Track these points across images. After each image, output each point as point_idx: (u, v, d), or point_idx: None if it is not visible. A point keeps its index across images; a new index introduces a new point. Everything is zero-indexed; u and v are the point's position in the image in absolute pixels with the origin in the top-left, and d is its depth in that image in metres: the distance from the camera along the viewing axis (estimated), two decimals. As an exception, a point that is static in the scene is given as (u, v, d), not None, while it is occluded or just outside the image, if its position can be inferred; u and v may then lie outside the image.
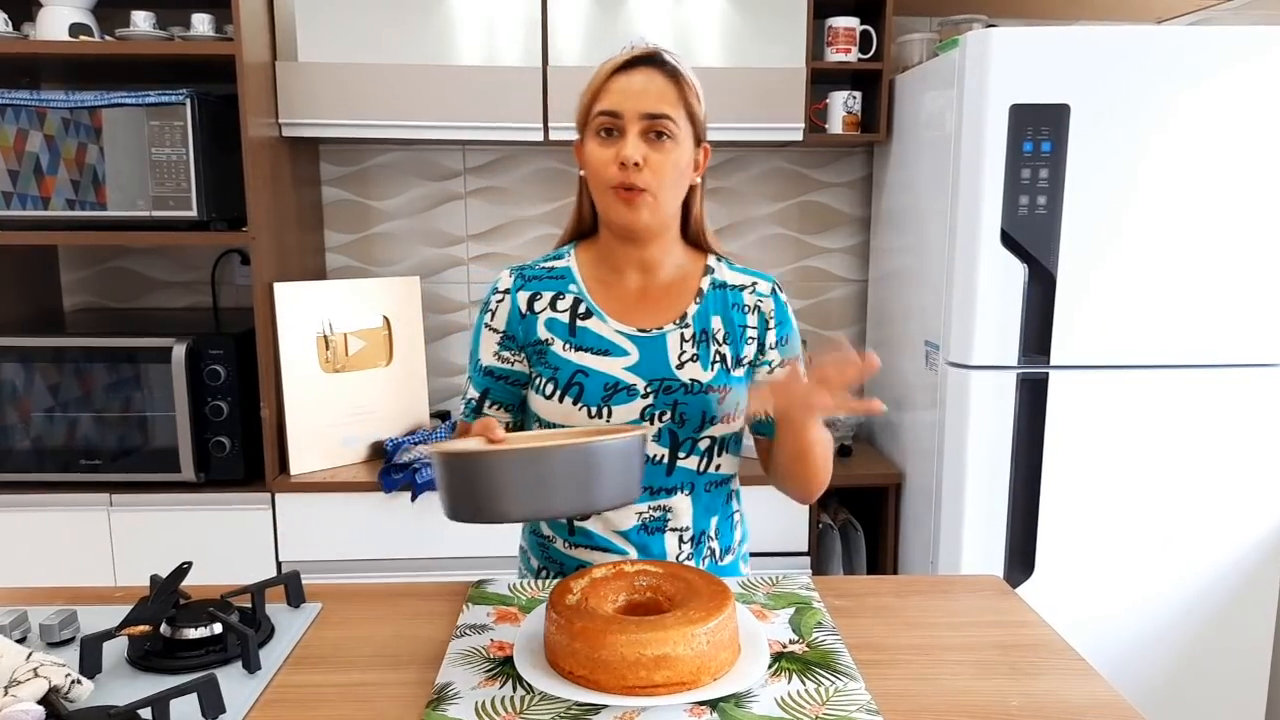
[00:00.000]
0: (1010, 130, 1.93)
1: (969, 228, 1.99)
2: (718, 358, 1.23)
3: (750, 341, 1.26)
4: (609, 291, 1.25)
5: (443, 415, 2.56)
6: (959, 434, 2.05)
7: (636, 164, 1.15)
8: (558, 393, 1.21)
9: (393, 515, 2.18)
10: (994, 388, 2.03)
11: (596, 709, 0.93)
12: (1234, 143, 1.95)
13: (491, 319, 1.27)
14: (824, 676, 1.01)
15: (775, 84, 2.26)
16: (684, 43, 2.25)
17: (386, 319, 2.34)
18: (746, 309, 1.26)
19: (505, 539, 2.19)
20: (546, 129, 2.24)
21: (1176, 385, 2.04)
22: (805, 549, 2.28)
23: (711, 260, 1.29)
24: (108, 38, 2.08)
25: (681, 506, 1.25)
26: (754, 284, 1.28)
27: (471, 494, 0.94)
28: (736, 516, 1.35)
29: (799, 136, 2.30)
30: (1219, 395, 2.05)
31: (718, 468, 1.27)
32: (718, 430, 1.24)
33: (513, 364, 1.26)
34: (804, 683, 1.00)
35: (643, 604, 1.07)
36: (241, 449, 2.12)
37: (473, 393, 1.30)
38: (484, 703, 0.95)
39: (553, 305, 1.24)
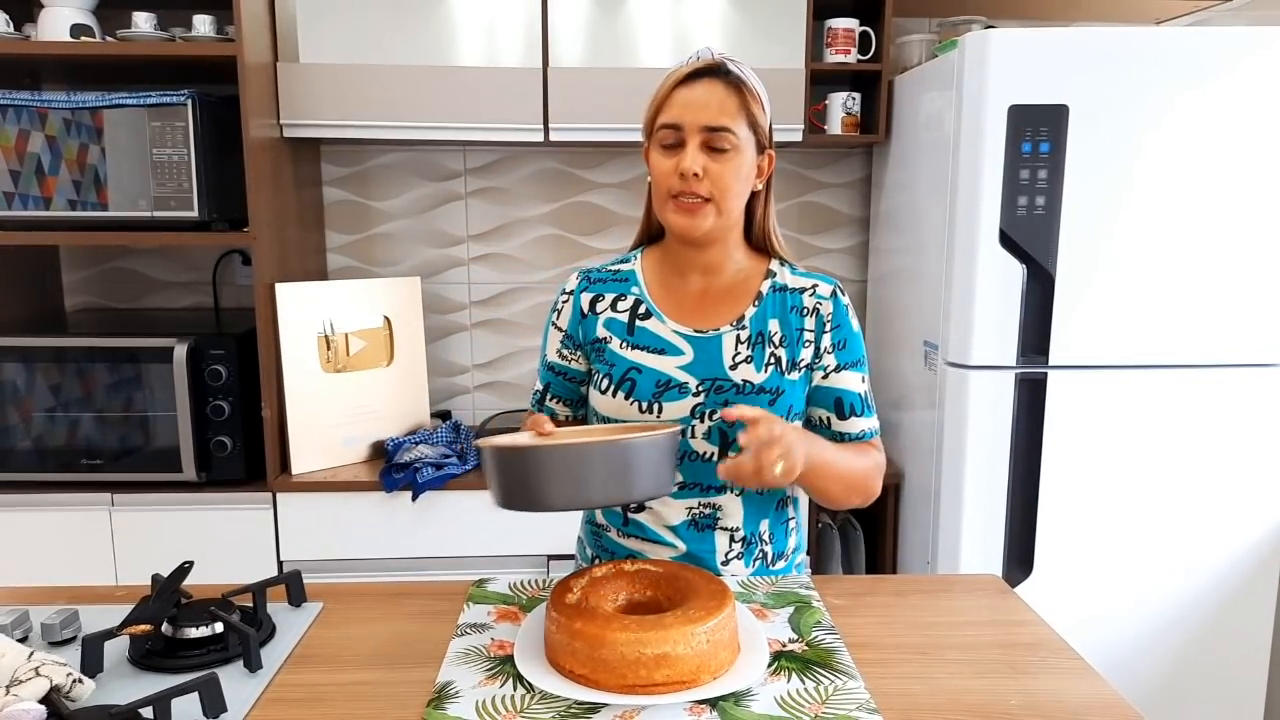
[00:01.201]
0: (1009, 131, 1.93)
1: (968, 228, 1.99)
2: (772, 360, 1.24)
3: (807, 345, 1.26)
4: (670, 294, 1.29)
5: (443, 415, 2.56)
6: (958, 434, 2.06)
7: (696, 174, 1.17)
8: (612, 388, 1.25)
9: (393, 515, 2.18)
10: (993, 388, 2.03)
11: (597, 708, 0.94)
12: (1233, 143, 1.96)
13: (558, 318, 1.33)
14: (823, 675, 1.01)
15: (774, 85, 2.22)
16: (683, 43, 2.26)
17: (387, 319, 2.34)
18: (805, 311, 1.27)
19: (505, 539, 2.20)
20: (547, 130, 2.24)
21: (1175, 385, 2.04)
22: (805, 548, 2.28)
23: (774, 264, 1.31)
24: (109, 39, 2.08)
25: (731, 506, 1.26)
26: (814, 286, 1.29)
27: (518, 485, 1.02)
28: (791, 523, 1.35)
29: (798, 137, 2.30)
30: (1218, 395, 2.05)
31: None
32: None
33: (571, 362, 1.32)
34: (803, 681, 1.00)
35: (643, 603, 1.07)
36: (243, 449, 2.13)
37: (539, 385, 1.36)
38: (484, 701, 0.96)
39: (613, 306, 1.29)
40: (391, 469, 2.18)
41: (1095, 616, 2.11)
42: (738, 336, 1.25)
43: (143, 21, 2.05)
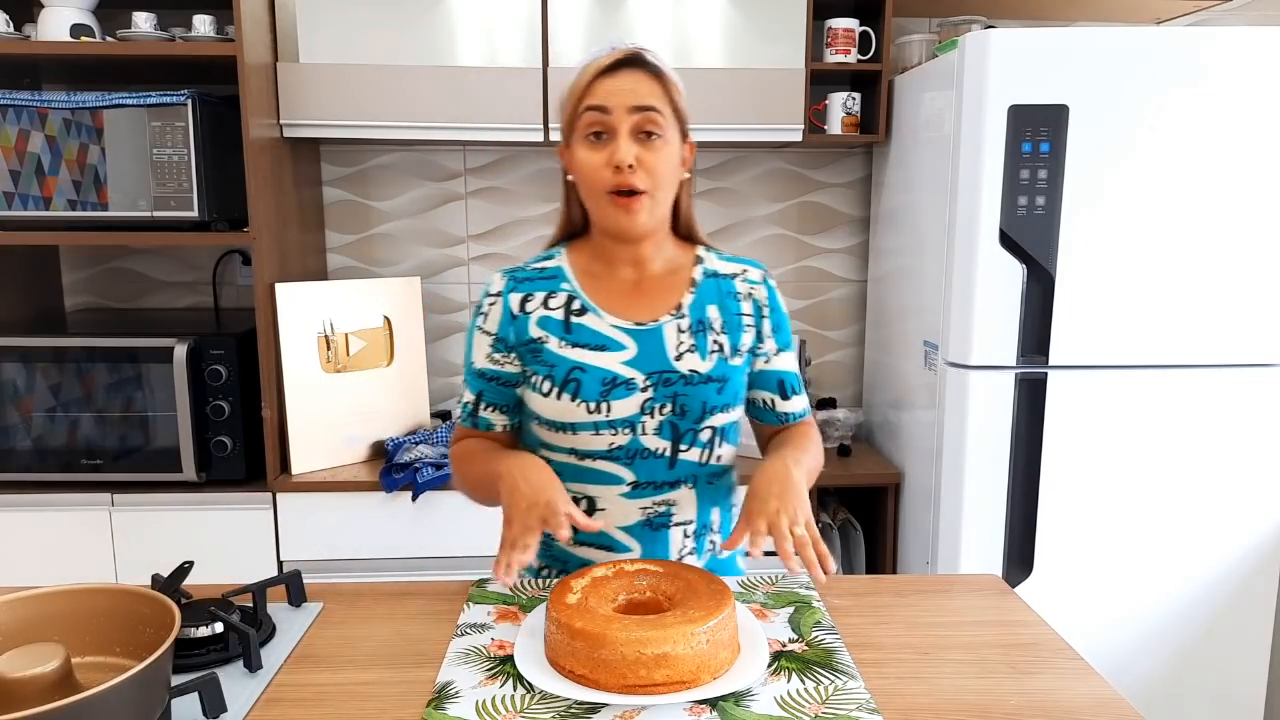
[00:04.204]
0: (1009, 131, 1.93)
1: (968, 228, 1.99)
2: (715, 347, 1.24)
3: (747, 329, 1.27)
4: (602, 287, 1.25)
5: (443, 415, 2.56)
6: (958, 434, 2.06)
7: (630, 165, 1.15)
8: (555, 390, 1.21)
9: (393, 515, 2.18)
10: (993, 388, 2.03)
11: (597, 708, 0.94)
12: (1233, 143, 1.96)
13: (484, 322, 1.27)
14: (823, 675, 1.01)
15: (775, 85, 2.26)
16: (684, 43, 2.26)
17: (387, 319, 2.35)
18: (740, 296, 1.28)
19: (505, 539, 2.20)
20: (547, 129, 2.24)
21: (1175, 385, 2.04)
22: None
23: (701, 250, 1.30)
24: (109, 39, 2.08)
25: (685, 500, 1.26)
26: (744, 271, 1.30)
27: None
28: (735, 510, 1.35)
29: (798, 137, 2.31)
30: (1218, 395, 2.05)
31: (718, 459, 1.27)
32: (719, 419, 1.24)
33: (504, 366, 1.26)
34: (803, 681, 1.00)
35: (643, 603, 1.07)
36: (243, 449, 2.13)
37: (469, 396, 1.30)
38: (484, 701, 0.96)
39: (545, 304, 1.24)
40: (391, 469, 2.18)
41: (1095, 616, 2.11)
42: (678, 326, 1.24)
43: (143, 21, 2.05)
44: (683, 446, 1.23)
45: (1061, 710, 0.96)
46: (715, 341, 1.24)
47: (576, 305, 1.24)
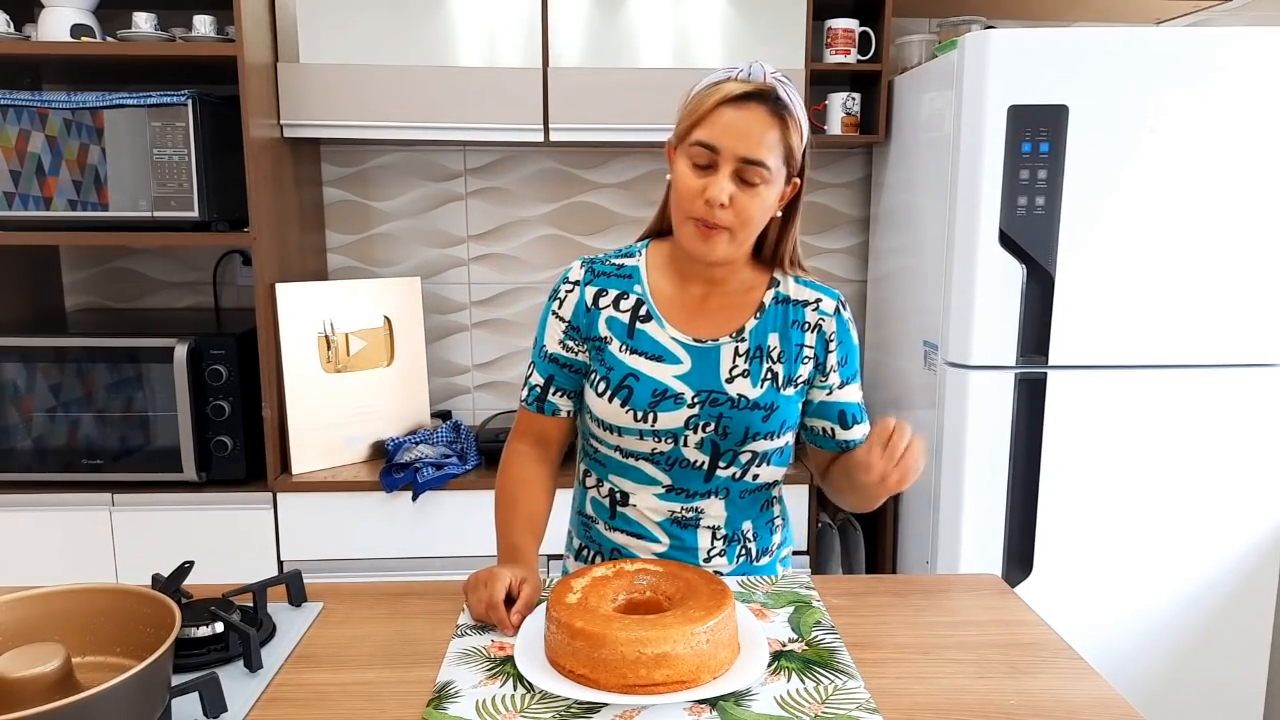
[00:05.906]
0: (1009, 131, 1.93)
1: (967, 228, 1.99)
2: (769, 375, 1.24)
3: (806, 361, 1.26)
4: (671, 297, 1.27)
5: (443, 415, 2.56)
6: (958, 434, 2.06)
7: (722, 204, 1.14)
8: (609, 392, 1.24)
9: (393, 515, 2.18)
10: (992, 388, 2.03)
11: (597, 707, 0.94)
12: (1232, 143, 1.96)
13: (560, 307, 1.29)
14: (823, 675, 1.01)
15: (775, 85, 2.26)
16: (684, 43, 2.26)
17: (387, 319, 2.35)
18: (806, 327, 1.26)
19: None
20: (547, 130, 2.25)
21: (1175, 385, 2.04)
22: (804, 548, 2.28)
23: (778, 274, 1.29)
24: (109, 39, 2.08)
25: (714, 509, 1.27)
26: (818, 300, 1.28)
27: None
28: (777, 521, 1.36)
29: (798, 137, 2.30)
30: (1218, 395, 2.05)
31: (755, 477, 1.28)
32: (760, 445, 1.24)
33: (576, 353, 1.29)
34: (803, 681, 1.00)
35: (643, 603, 1.07)
36: (243, 449, 2.13)
37: (537, 379, 1.32)
38: (485, 701, 0.96)
39: (615, 304, 1.27)
40: (392, 469, 2.18)
41: (1095, 616, 2.11)
42: (736, 349, 1.24)
43: (143, 22, 2.05)
44: (721, 464, 1.25)
45: (1061, 710, 0.96)
46: (770, 370, 1.24)
47: (643, 311, 1.26)
